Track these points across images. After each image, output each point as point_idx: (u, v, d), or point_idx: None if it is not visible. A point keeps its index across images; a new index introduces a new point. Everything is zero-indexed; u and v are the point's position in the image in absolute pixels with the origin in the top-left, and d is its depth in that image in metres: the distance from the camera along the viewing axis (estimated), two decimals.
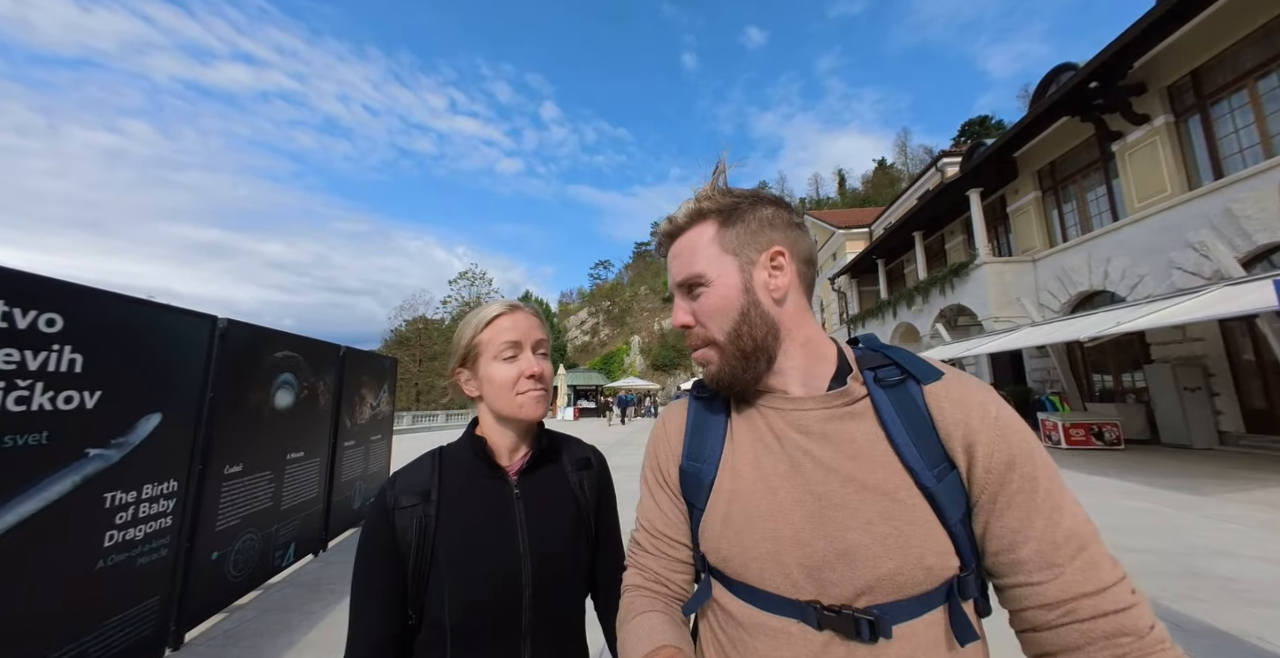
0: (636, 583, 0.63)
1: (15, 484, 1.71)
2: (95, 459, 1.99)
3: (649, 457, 0.69)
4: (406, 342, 34.34)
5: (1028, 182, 12.85)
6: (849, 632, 0.47)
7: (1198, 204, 8.43)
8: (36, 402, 1.76)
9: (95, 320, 1.99)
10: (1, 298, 1.65)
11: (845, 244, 24.14)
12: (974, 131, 40.86)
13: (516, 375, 0.76)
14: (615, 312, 53.52)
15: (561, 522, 0.79)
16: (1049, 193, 12.45)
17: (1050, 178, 12.36)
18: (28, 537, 1.73)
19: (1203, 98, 8.70)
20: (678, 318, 0.62)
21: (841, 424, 0.54)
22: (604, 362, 44.79)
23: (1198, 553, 3.32)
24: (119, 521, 2.10)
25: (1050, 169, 12.28)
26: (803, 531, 0.51)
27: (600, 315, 55.09)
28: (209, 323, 2.66)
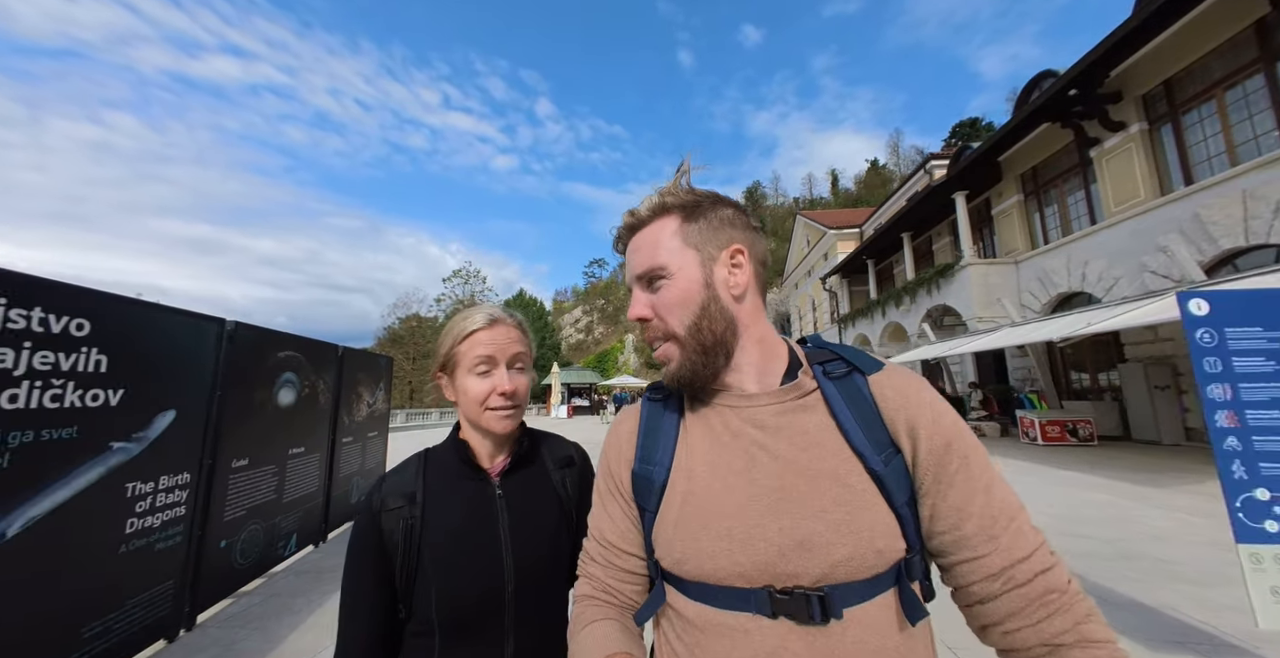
0: (586, 593, 0.63)
1: (51, 474, 1.89)
2: (118, 452, 2.17)
3: (601, 463, 0.68)
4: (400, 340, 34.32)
5: (1011, 185, 13.17)
6: (802, 614, 0.48)
7: (1169, 209, 8.75)
8: (68, 399, 1.94)
9: (117, 324, 2.17)
10: (39, 305, 1.83)
11: (836, 244, 24.45)
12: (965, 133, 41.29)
13: (488, 391, 0.77)
14: (609, 310, 53.72)
15: (543, 521, 0.80)
16: (1031, 196, 12.77)
17: (1033, 182, 12.68)
18: (62, 522, 1.91)
19: (1174, 107, 9.02)
20: (636, 311, 0.61)
21: (795, 417, 0.56)
22: (598, 360, 45.05)
23: (1140, 539, 3.58)
24: (139, 509, 2.28)
25: (1033, 173, 12.60)
26: (760, 525, 0.51)
27: (595, 314, 55.29)
28: (217, 325, 2.83)
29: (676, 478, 0.58)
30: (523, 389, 0.81)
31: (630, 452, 0.63)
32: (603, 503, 0.65)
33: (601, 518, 0.64)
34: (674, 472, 0.59)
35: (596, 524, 0.65)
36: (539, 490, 0.83)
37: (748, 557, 0.51)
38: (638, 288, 0.62)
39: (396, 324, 37.70)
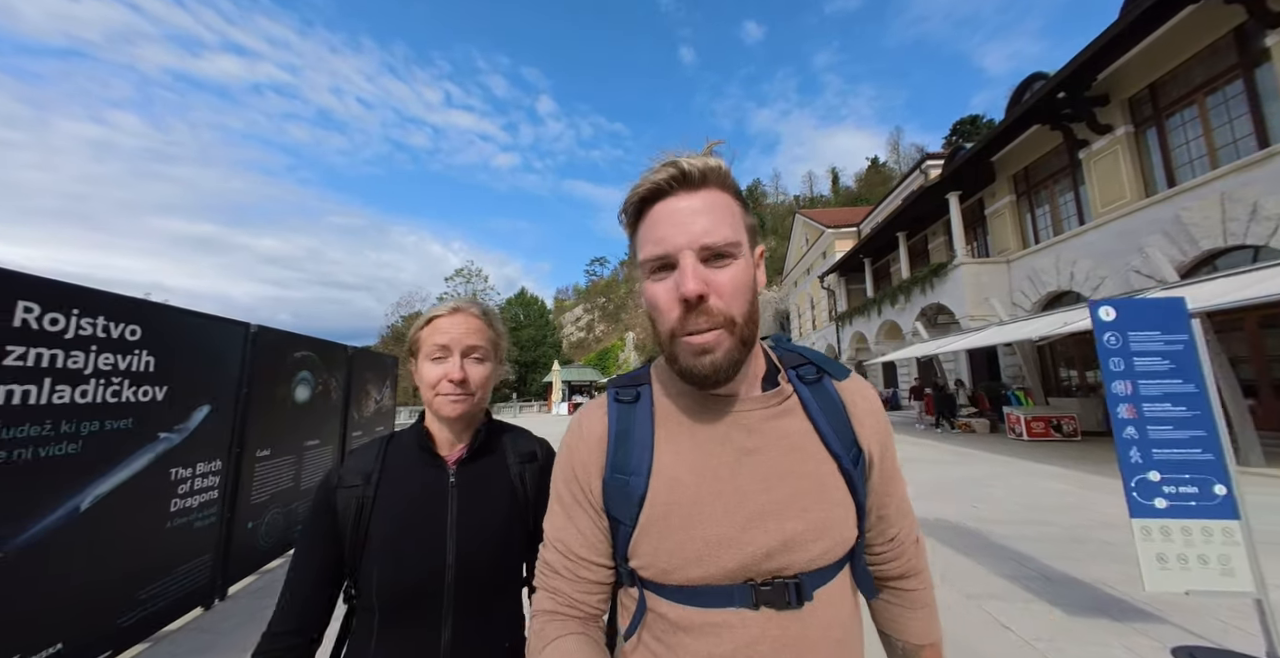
0: (548, 608, 0.59)
1: (111, 459, 2.20)
2: (164, 441, 2.48)
3: (562, 468, 0.63)
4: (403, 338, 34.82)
5: (1004, 185, 13.36)
6: (780, 602, 0.51)
7: (1153, 211, 8.96)
8: (125, 394, 2.25)
9: (161, 329, 2.47)
10: (102, 314, 2.14)
11: (834, 243, 24.64)
12: (965, 131, 41.22)
13: (439, 377, 0.79)
14: (610, 308, 54.03)
15: (493, 513, 0.80)
16: (1023, 197, 12.97)
17: (1025, 182, 12.87)
18: (121, 501, 2.23)
19: (1159, 110, 9.21)
20: (694, 286, 0.49)
21: (778, 422, 0.57)
22: (599, 358, 45.40)
23: (1092, 525, 3.87)
24: (181, 491, 2.60)
25: (1025, 174, 12.80)
26: (748, 530, 0.52)
27: (595, 312, 55.61)
28: (243, 329, 3.14)
29: (657, 487, 0.55)
30: (476, 378, 0.82)
31: (600, 459, 0.59)
32: (566, 513, 0.60)
33: (565, 529, 0.60)
34: (653, 481, 0.56)
35: (559, 535, 0.60)
36: (494, 482, 0.84)
37: (735, 560, 0.52)
38: (688, 258, 0.51)
39: (399, 322, 38.14)
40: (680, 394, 0.60)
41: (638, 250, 0.56)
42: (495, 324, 0.88)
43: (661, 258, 0.52)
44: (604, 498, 0.58)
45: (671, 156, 0.54)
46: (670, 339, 0.54)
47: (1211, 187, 7.93)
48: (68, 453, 1.99)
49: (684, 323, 0.52)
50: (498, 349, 0.88)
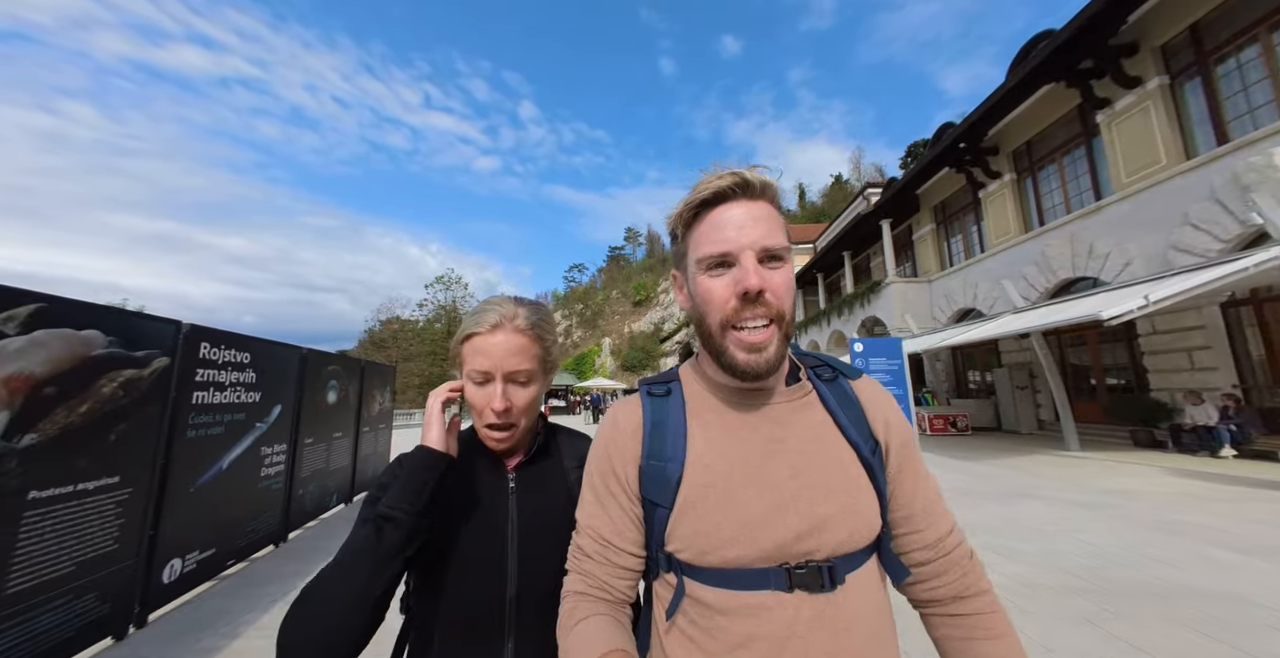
0: (578, 589, 0.63)
1: (233, 440, 3.43)
2: (258, 429, 3.72)
3: (598, 458, 0.67)
4: (383, 344, 35.15)
5: (927, 215, 15.35)
6: (814, 584, 0.54)
7: (1028, 245, 10.88)
8: (241, 398, 3.49)
9: (258, 354, 3.71)
10: (233, 347, 3.39)
11: (794, 259, 26.61)
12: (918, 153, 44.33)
13: (483, 405, 0.74)
14: (588, 314, 55.19)
15: (553, 519, 0.76)
16: (941, 226, 14.97)
17: (943, 214, 14.88)
18: (240, 465, 3.46)
19: (1033, 163, 11.18)
20: (755, 281, 0.55)
21: (802, 414, 0.63)
22: (576, 363, 46.50)
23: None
24: (265, 463, 3.83)
25: (942, 206, 14.80)
26: (780, 512, 0.56)
27: (574, 318, 56.68)
28: (299, 351, 4.38)
29: (692, 472, 0.59)
30: (521, 403, 0.76)
31: (636, 448, 0.63)
32: (599, 500, 0.65)
33: (598, 516, 0.64)
34: (688, 466, 0.60)
35: (591, 522, 0.64)
36: (553, 487, 0.80)
37: (771, 541, 0.55)
38: (750, 257, 0.57)
39: (378, 327, 38.44)
40: (712, 389, 0.66)
41: (692, 248, 0.61)
42: (545, 335, 0.80)
43: (723, 255, 0.57)
44: (641, 484, 0.62)
45: (732, 168, 0.60)
46: (722, 331, 0.58)
47: (1065, 229, 9.86)
48: (217, 433, 3.24)
49: (739, 314, 0.57)
50: (546, 363, 0.81)
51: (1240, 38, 7.13)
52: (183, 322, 2.94)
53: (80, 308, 2.29)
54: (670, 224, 0.65)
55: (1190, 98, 7.91)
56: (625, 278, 57.39)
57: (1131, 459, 7.00)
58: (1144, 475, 5.87)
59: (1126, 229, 8.54)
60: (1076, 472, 6.25)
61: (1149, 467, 6.36)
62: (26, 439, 2.02)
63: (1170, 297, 5.27)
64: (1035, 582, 2.88)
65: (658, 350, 42.71)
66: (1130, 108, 8.56)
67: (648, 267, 58.17)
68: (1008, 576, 2.97)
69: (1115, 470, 6.25)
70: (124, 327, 2.51)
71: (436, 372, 35.71)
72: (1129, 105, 8.57)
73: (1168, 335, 8.17)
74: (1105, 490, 5.14)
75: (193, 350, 3.01)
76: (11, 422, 1.96)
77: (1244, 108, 7.23)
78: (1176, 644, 2.15)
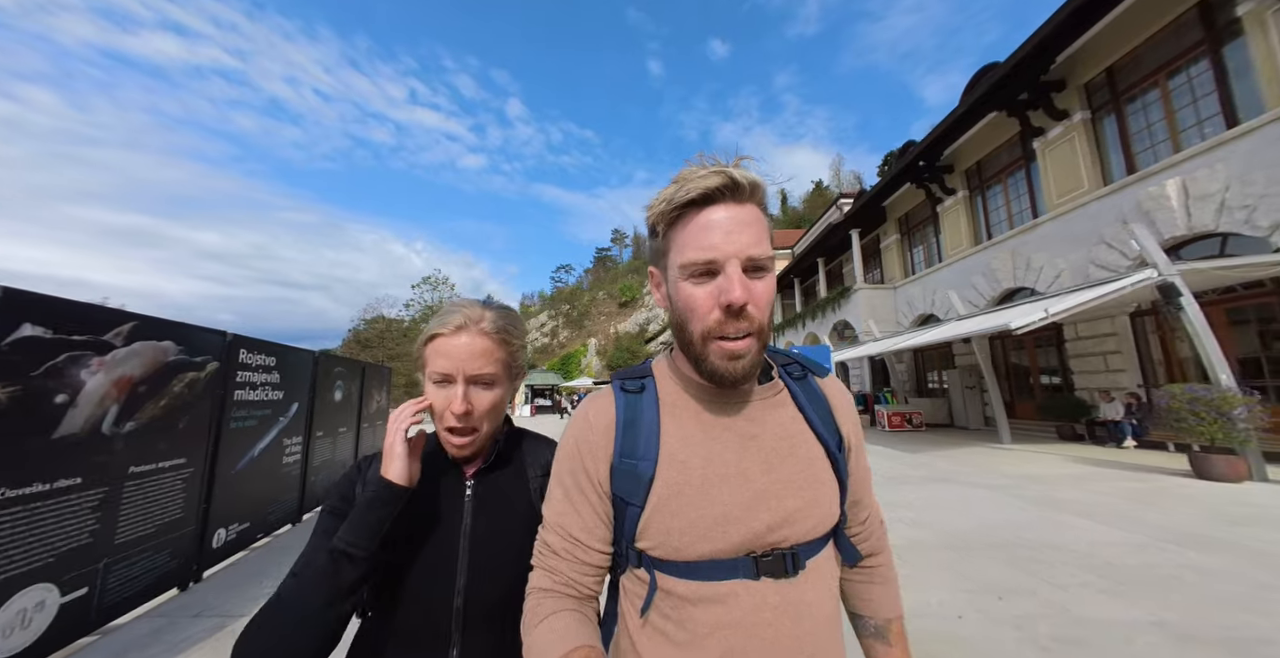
0: (544, 586, 0.63)
1: (263, 432, 4.01)
2: (281, 423, 4.29)
3: (568, 455, 0.66)
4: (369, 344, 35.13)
5: (893, 226, 16.37)
6: (779, 571, 0.57)
7: (978, 256, 11.88)
8: (269, 396, 4.07)
9: (281, 357, 4.28)
10: (262, 352, 3.97)
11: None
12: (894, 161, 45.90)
13: (443, 407, 0.73)
14: (574, 315, 55.63)
15: (509, 526, 0.76)
16: (905, 236, 16.01)
17: (906, 225, 15.91)
18: (267, 454, 4.04)
19: (982, 181, 12.20)
20: (740, 293, 0.54)
21: (774, 411, 0.65)
22: (562, 362, 46.97)
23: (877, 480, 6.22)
24: (286, 453, 4.40)
25: (905, 218, 15.83)
26: (753, 507, 0.58)
27: (560, 318, 57.04)
28: (313, 355, 4.95)
29: (666, 470, 0.60)
30: (482, 406, 0.74)
31: (608, 446, 0.63)
32: (568, 497, 0.64)
33: (566, 513, 0.64)
34: (661, 464, 0.60)
35: (559, 519, 0.64)
36: (512, 495, 0.79)
37: (741, 535, 0.57)
38: (735, 267, 0.55)
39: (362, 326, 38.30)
40: (687, 386, 0.66)
41: (675, 250, 0.59)
42: (511, 338, 0.78)
43: (708, 264, 0.56)
44: (612, 481, 0.62)
45: (719, 164, 0.57)
46: (703, 340, 0.58)
47: (1008, 243, 10.87)
48: (251, 426, 3.82)
49: (722, 326, 0.56)
50: (511, 368, 0.79)
51: (1145, 81, 8.14)
52: (227, 332, 3.52)
53: (158, 323, 2.88)
54: (650, 219, 0.62)
55: (1108, 131, 8.93)
56: (612, 279, 58.10)
57: (1050, 450, 7.95)
58: (1051, 463, 6.78)
59: (1057, 245, 9.54)
60: (998, 461, 7.14)
61: (1059, 456, 7.29)
62: (128, 426, 2.61)
63: (1063, 311, 6.16)
64: (921, 541, 3.65)
65: (643, 351, 43.49)
66: (1059, 137, 9.57)
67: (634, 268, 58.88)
68: (904, 538, 3.74)
69: (1030, 460, 7.16)
70: (187, 337, 3.10)
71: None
72: (1059, 135, 9.58)
73: (1088, 341, 9.19)
74: (1012, 475, 6.00)
75: (234, 355, 3.60)
76: (119, 412, 2.56)
77: (1148, 142, 8.26)
78: (999, 577, 2.93)
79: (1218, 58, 7.10)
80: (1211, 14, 7.09)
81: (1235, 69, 6.91)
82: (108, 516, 2.48)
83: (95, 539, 2.41)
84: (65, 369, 2.26)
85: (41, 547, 2.14)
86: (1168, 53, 7.75)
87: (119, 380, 2.55)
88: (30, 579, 2.09)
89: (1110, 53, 8.47)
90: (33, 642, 2.10)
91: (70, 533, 2.28)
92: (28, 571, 2.08)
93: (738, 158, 0.60)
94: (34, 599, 2.10)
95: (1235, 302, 7.11)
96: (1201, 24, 7.24)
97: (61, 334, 2.24)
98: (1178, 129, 7.73)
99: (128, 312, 2.66)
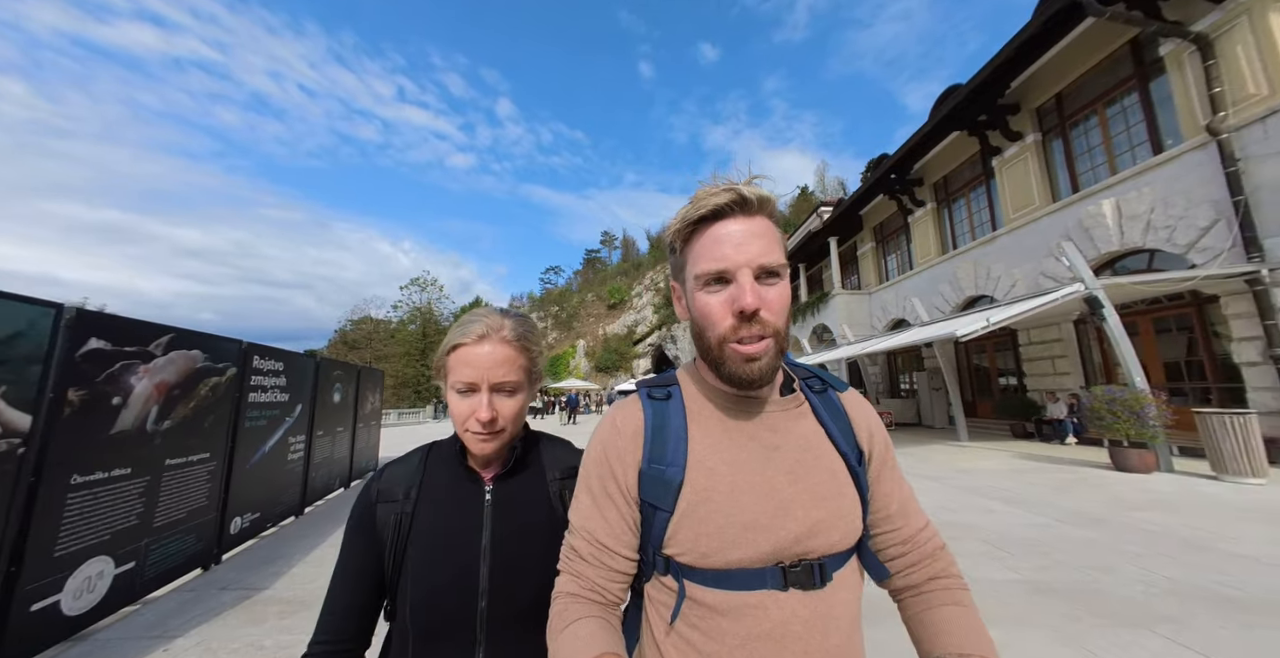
0: (570, 591, 0.63)
1: (271, 431, 4.40)
2: (287, 422, 4.68)
3: (596, 461, 0.67)
4: (356, 345, 35.06)
5: (868, 234, 17.10)
6: (807, 582, 0.57)
7: (945, 265, 12.60)
8: (277, 398, 4.45)
9: (288, 363, 4.67)
10: (273, 358, 4.36)
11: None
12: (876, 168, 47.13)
13: (466, 415, 0.74)
14: (563, 317, 55.85)
15: (530, 531, 0.76)
16: (880, 244, 16.74)
17: (880, 233, 16.65)
18: (275, 450, 4.43)
19: (949, 194, 12.93)
20: (752, 300, 0.57)
21: (797, 423, 0.66)
22: (551, 364, 47.29)
23: None
24: (291, 451, 4.79)
25: (880, 227, 16.57)
26: (780, 516, 0.59)
27: (549, 320, 57.26)
28: (314, 360, 5.33)
29: (694, 476, 0.61)
30: (507, 413, 0.76)
31: (637, 452, 0.64)
32: (595, 503, 0.65)
33: (594, 519, 0.65)
34: (690, 470, 0.61)
35: (586, 525, 0.65)
36: (532, 499, 0.80)
37: (770, 544, 0.58)
38: (746, 275, 0.58)
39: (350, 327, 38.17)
40: (711, 395, 0.67)
41: (691, 263, 0.63)
42: (531, 346, 0.81)
43: (720, 273, 0.59)
44: (640, 488, 0.63)
45: (730, 182, 0.62)
46: (719, 345, 0.60)
47: (970, 254, 11.59)
48: (262, 425, 4.20)
49: (736, 331, 0.59)
50: (532, 373, 0.81)
51: (1087, 108, 8.88)
52: (242, 340, 3.91)
53: (189, 334, 3.27)
54: (669, 238, 0.66)
55: (1056, 152, 9.66)
56: (600, 281, 58.48)
57: (1002, 447, 8.61)
58: (997, 458, 7.41)
59: (1012, 256, 10.25)
60: (951, 457, 7.76)
61: (1006, 453, 7.94)
62: (165, 424, 3.01)
63: (1002, 320, 6.79)
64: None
65: (630, 352, 43.94)
66: (1015, 156, 10.29)
67: (622, 270, 59.31)
68: None
69: (980, 455, 7.79)
70: (211, 346, 3.49)
71: (410, 372, 35.81)
72: (1014, 155, 10.30)
73: (1039, 346, 9.90)
74: (959, 469, 6.60)
75: (249, 361, 3.99)
76: (159, 412, 2.96)
77: (1090, 164, 8.99)
78: None
79: (1145, 91, 7.84)
80: (1140, 51, 7.82)
81: (1159, 101, 7.64)
82: (149, 501, 2.88)
83: (140, 521, 2.81)
84: (120, 376, 2.66)
85: (102, 525, 2.55)
86: (1105, 83, 8.48)
87: (159, 385, 2.95)
88: (94, 552, 2.49)
89: (1058, 81, 9.20)
90: (95, 605, 2.50)
91: (121, 515, 2.68)
92: (94, 543, 2.49)
93: (750, 177, 0.63)
94: (96, 569, 2.51)
95: (1161, 312, 7.84)
96: (1132, 59, 7.97)
97: (117, 346, 2.65)
98: (1114, 153, 8.47)
99: (166, 325, 3.05)
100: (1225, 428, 5.09)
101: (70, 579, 2.36)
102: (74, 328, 2.40)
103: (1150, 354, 8.07)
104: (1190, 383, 7.48)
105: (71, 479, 2.38)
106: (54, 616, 2.29)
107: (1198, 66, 6.77)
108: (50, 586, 2.28)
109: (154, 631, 2.52)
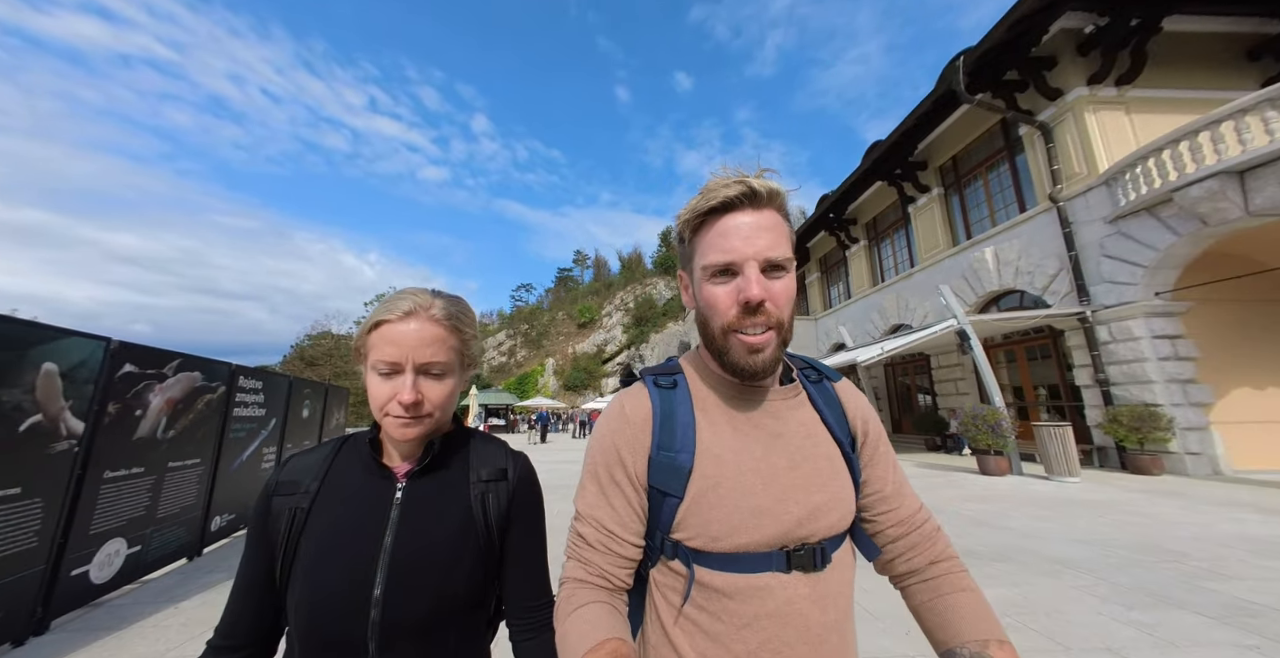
0: (578, 576, 0.64)
1: (249, 442, 4.98)
2: (263, 434, 5.26)
3: (604, 449, 0.67)
4: (314, 362, 34.13)
5: (814, 264, 18.74)
6: (809, 564, 0.60)
7: (874, 296, 14.13)
8: (254, 412, 5.06)
9: (265, 382, 5.28)
10: (253, 378, 4.99)
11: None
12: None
13: (387, 397, 0.67)
14: (533, 335, 55.89)
15: (436, 537, 0.69)
16: (824, 274, 18.39)
17: (825, 264, 18.30)
18: (251, 460, 5.00)
19: (879, 234, 14.62)
20: (756, 292, 0.59)
21: (796, 411, 0.69)
22: (519, 382, 47.05)
23: None
24: (264, 459, 5.35)
25: (825, 258, 18.24)
26: (783, 501, 0.61)
27: (518, 338, 57.13)
28: (288, 379, 5.94)
29: (703, 462, 0.63)
30: (434, 398, 0.69)
31: (646, 439, 0.65)
32: (602, 491, 0.66)
33: (600, 506, 0.65)
34: (699, 457, 0.63)
35: (593, 512, 0.65)
36: (448, 501, 0.72)
37: (775, 528, 0.60)
38: (753, 268, 0.60)
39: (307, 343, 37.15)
40: (715, 383, 0.69)
41: (699, 253, 0.64)
42: (462, 326, 0.74)
43: (728, 265, 0.60)
44: (650, 474, 0.64)
45: (741, 174, 0.62)
46: (724, 335, 0.62)
47: (894, 287, 13.14)
48: (242, 436, 4.80)
49: (740, 321, 0.61)
50: (465, 357, 0.75)
51: (975, 170, 10.59)
52: (231, 363, 4.56)
53: (192, 358, 3.93)
54: (678, 227, 0.67)
55: (954, 205, 11.35)
56: (572, 300, 58.94)
57: (912, 458, 9.81)
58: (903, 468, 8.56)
59: (924, 291, 11.78)
60: None
61: (913, 463, 9.12)
62: (170, 433, 3.65)
63: (893, 349, 8.08)
64: None
65: (599, 371, 44.46)
66: (925, 205, 11.96)
67: (594, 290, 60.05)
68: None
69: None
70: (207, 368, 4.14)
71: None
72: (924, 204, 11.97)
73: (945, 369, 11.35)
74: None
75: (235, 381, 4.62)
76: (166, 423, 3.60)
77: (979, 217, 10.67)
78: None
79: (1013, 161, 9.55)
80: (1009, 129, 9.56)
81: (1022, 170, 9.34)
82: (155, 496, 3.50)
83: (147, 512, 3.42)
84: (142, 393, 3.33)
85: (122, 512, 3.17)
86: (986, 151, 10.22)
87: (168, 400, 3.61)
88: (115, 534, 3.12)
89: (953, 145, 10.93)
90: (112, 577, 3.11)
91: (135, 506, 3.30)
92: (116, 526, 3.11)
93: (760, 169, 0.64)
94: (115, 548, 3.12)
95: (1029, 343, 9.37)
96: (1004, 135, 9.71)
97: (142, 369, 3.33)
98: (994, 209, 10.14)
99: (175, 351, 3.73)
100: (1051, 437, 6.36)
101: (98, 554, 2.98)
102: (115, 356, 3.08)
103: (1025, 377, 9.56)
104: (1052, 402, 8.94)
105: (104, 474, 3.02)
106: (85, 581, 2.90)
107: (1042, 147, 8.45)
108: (84, 557, 2.89)
109: (162, 597, 3.14)
